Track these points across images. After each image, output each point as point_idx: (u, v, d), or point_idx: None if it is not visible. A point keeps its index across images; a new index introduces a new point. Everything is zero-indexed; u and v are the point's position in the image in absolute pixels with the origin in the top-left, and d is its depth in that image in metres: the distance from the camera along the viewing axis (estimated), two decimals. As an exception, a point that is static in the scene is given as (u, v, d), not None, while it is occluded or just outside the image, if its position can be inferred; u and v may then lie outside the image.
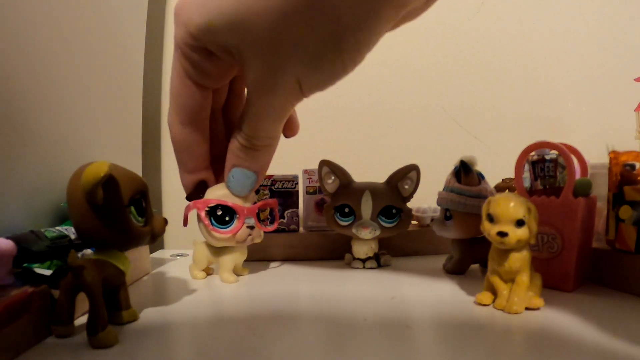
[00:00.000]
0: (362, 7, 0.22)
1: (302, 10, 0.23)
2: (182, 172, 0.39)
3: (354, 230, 0.47)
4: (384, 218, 0.47)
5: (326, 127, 0.70)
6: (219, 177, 0.41)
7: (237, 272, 0.45)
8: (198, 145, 0.36)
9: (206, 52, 0.28)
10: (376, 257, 0.49)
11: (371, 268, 0.49)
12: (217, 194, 0.40)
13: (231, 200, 0.40)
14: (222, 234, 0.41)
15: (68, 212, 0.28)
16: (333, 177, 0.49)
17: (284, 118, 0.31)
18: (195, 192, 0.41)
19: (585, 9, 0.76)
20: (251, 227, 0.41)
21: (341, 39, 0.24)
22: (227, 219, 0.41)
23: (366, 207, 0.47)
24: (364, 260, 0.49)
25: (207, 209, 0.40)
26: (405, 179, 0.48)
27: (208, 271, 0.46)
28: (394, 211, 0.47)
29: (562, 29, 0.75)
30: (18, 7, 0.32)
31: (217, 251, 0.44)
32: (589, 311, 0.33)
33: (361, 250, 0.49)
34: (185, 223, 0.42)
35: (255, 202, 0.43)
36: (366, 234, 0.47)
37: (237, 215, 0.40)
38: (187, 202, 0.42)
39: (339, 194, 0.48)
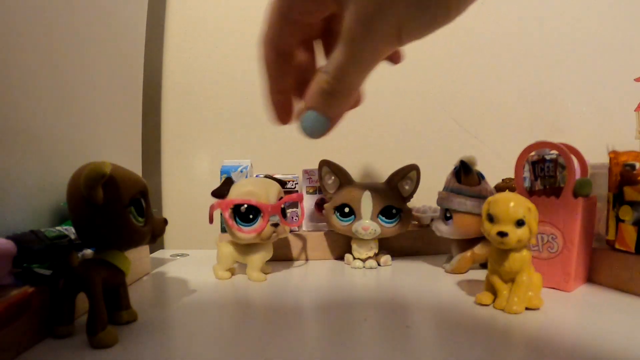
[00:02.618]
0: None
1: None
2: (267, 91, 0.40)
3: (354, 230, 0.47)
4: (384, 218, 0.47)
5: (326, 127, 0.70)
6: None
7: (262, 271, 0.44)
8: (281, 69, 0.37)
9: None
10: (376, 257, 0.50)
11: (371, 268, 0.49)
12: (241, 191, 0.40)
13: (255, 199, 0.40)
14: (246, 233, 0.41)
15: (68, 212, 0.28)
16: (333, 177, 0.49)
17: (372, 66, 0.31)
18: (220, 188, 0.41)
19: (586, 9, 0.76)
20: (275, 225, 0.41)
21: None
22: (251, 216, 0.41)
23: (366, 207, 0.47)
24: (364, 260, 0.49)
25: (231, 207, 0.41)
26: (405, 179, 0.48)
27: (232, 271, 0.45)
28: (394, 211, 0.48)
29: (562, 28, 0.75)
30: (18, 8, 0.32)
31: (245, 250, 0.43)
32: (589, 311, 0.33)
33: (361, 250, 0.49)
34: (211, 220, 0.43)
35: (280, 198, 0.43)
36: (366, 234, 0.47)
37: (262, 214, 0.40)
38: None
39: (339, 193, 0.48)
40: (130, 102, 0.56)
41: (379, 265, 0.49)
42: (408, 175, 0.48)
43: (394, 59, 0.41)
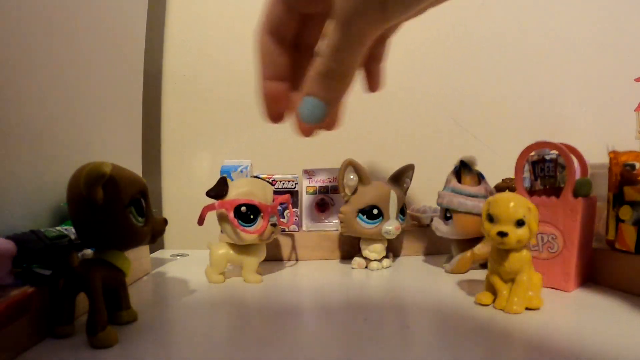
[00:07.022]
0: None
1: None
2: (260, 78, 0.40)
3: (383, 232, 0.47)
4: (401, 216, 0.49)
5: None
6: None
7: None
8: (278, 55, 0.38)
9: None
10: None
11: (389, 267, 0.49)
12: (240, 191, 0.41)
13: (257, 199, 0.40)
14: (249, 234, 0.41)
15: (68, 212, 0.28)
16: (354, 178, 0.48)
17: (364, 45, 0.32)
18: (218, 188, 0.41)
19: (586, 9, 0.76)
20: (274, 225, 0.42)
21: None
22: (251, 217, 0.41)
23: (393, 207, 0.47)
24: (380, 260, 0.49)
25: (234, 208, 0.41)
26: (405, 177, 0.50)
27: (224, 274, 0.45)
28: (403, 209, 0.49)
29: (562, 28, 0.75)
30: (18, 9, 0.32)
31: (241, 252, 0.43)
32: (589, 311, 0.33)
33: (377, 249, 0.48)
34: (201, 222, 0.42)
35: (273, 200, 0.43)
36: (397, 232, 0.47)
37: (262, 214, 0.41)
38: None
39: (361, 195, 0.47)
40: (130, 102, 0.56)
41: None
42: (407, 173, 0.50)
43: (372, 85, 0.40)
